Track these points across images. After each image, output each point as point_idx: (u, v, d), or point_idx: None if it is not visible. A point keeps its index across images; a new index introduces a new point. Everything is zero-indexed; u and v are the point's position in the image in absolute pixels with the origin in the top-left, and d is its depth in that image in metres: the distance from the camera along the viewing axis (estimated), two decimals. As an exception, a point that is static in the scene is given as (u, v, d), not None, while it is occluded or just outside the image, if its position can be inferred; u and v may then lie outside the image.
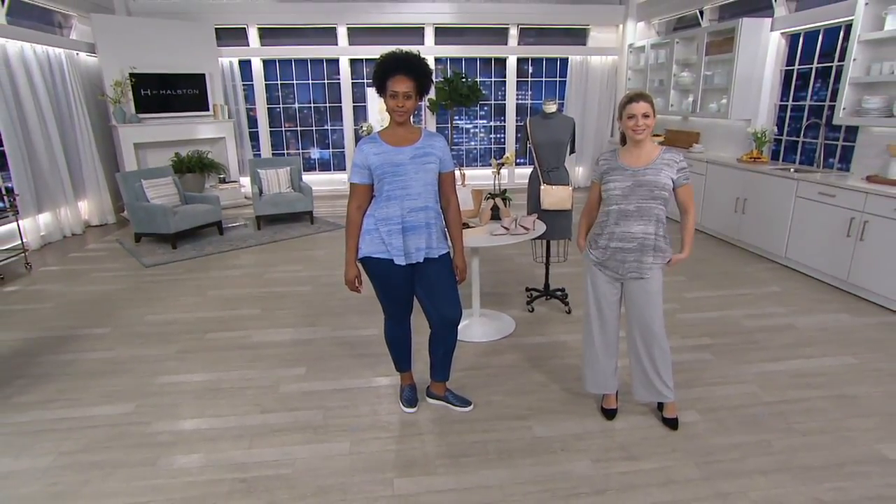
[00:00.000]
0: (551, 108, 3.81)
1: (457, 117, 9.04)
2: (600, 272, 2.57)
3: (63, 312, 4.24)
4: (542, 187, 3.83)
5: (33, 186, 5.96)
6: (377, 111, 8.45)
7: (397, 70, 2.35)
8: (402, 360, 2.84)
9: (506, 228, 3.41)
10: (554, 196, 3.80)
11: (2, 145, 5.68)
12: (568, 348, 3.50)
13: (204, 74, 7.67)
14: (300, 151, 9.02)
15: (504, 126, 9.28)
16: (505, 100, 9.12)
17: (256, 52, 8.32)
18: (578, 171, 9.28)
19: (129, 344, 3.67)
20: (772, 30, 5.67)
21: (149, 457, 2.51)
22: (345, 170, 9.02)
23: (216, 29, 7.86)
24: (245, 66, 8.41)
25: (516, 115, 9.18)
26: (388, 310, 2.69)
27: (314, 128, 8.96)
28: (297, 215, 6.87)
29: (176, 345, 3.63)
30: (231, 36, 8.24)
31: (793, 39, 5.66)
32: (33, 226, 5.94)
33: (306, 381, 3.13)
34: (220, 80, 8.05)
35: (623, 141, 2.54)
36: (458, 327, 2.69)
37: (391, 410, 2.83)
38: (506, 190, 3.83)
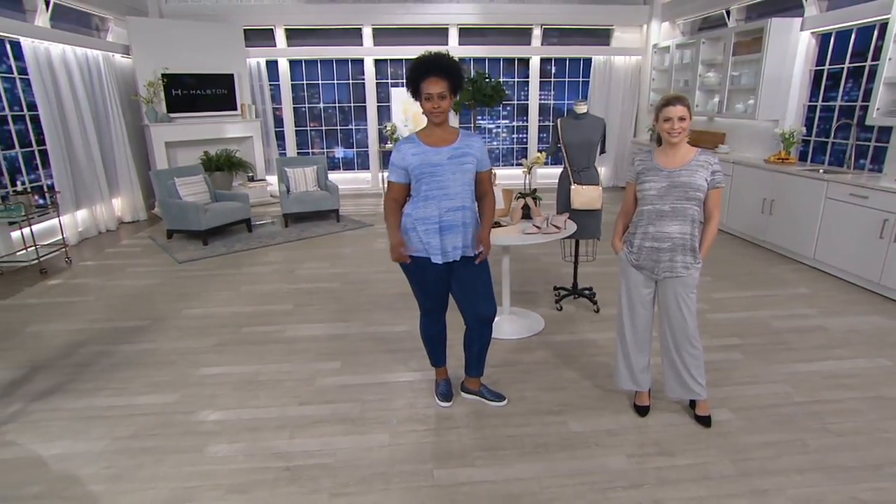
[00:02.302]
0: (582, 108, 3.85)
1: (479, 117, 9.09)
2: (635, 272, 2.60)
3: (104, 306, 4.38)
4: (572, 187, 3.87)
5: (72, 184, 6.15)
6: (401, 111, 8.53)
7: (429, 72, 2.41)
8: (437, 355, 2.91)
9: (537, 227, 3.46)
10: (584, 196, 3.84)
11: (44, 144, 5.87)
12: (597, 346, 3.54)
13: (232, 74, 7.83)
14: (324, 151, 9.15)
15: (526, 126, 9.30)
16: (528, 100, 9.15)
17: (283, 52, 8.46)
18: (601, 172, 9.26)
19: (168, 337, 3.79)
20: (802, 29, 5.63)
21: (195, 444, 2.61)
22: (368, 169, 9.13)
23: (244, 30, 8.01)
24: (272, 66, 8.56)
25: (539, 116, 9.21)
26: (425, 307, 2.76)
27: (338, 127, 9.08)
28: (323, 213, 6.99)
29: (213, 338, 3.75)
30: (259, 37, 8.39)
31: (823, 39, 5.61)
32: (71, 222, 6.13)
33: (342, 375, 3.22)
34: (248, 80, 8.20)
35: (659, 142, 2.58)
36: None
37: (427, 404, 2.90)
38: (535, 189, 3.88)
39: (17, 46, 5.58)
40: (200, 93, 7.67)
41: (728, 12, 6.89)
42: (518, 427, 2.69)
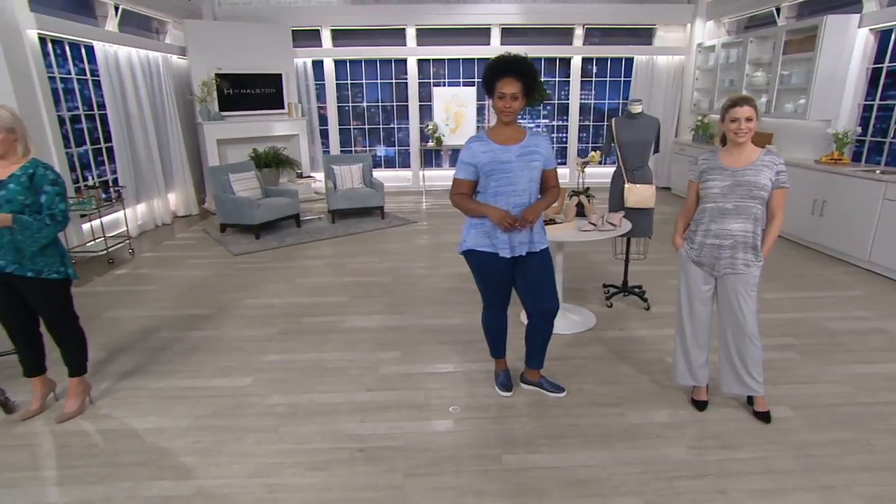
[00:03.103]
0: (637, 108, 3.89)
1: (520, 116, 9.14)
2: (694, 268, 2.66)
3: (169, 294, 4.62)
4: (625, 186, 3.92)
5: (133, 179, 6.46)
6: (442, 110, 8.65)
7: (505, 72, 2.51)
8: (497, 347, 3.01)
9: (593, 225, 3.53)
10: (638, 194, 3.89)
11: (109, 141, 6.19)
12: (649, 343, 3.59)
13: (281, 74, 8.08)
14: (367, 149, 9.34)
15: (567, 125, 9.32)
16: (568, 99, 9.16)
17: (329, 52, 8.68)
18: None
19: (233, 325, 3.98)
20: (859, 26, 5.52)
21: (271, 425, 2.77)
22: (409, 167, 9.28)
23: (292, 31, 8.24)
24: (317, 65, 8.78)
25: (579, 115, 9.21)
26: (489, 299, 2.87)
27: (381, 126, 9.27)
28: (368, 210, 7.17)
29: (276, 327, 3.92)
30: (305, 37, 8.61)
31: (883, 36, 5.49)
32: (132, 215, 6.44)
33: (403, 364, 3.35)
34: (295, 79, 8.44)
35: (723, 142, 2.63)
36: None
37: (487, 393, 3.00)
38: (588, 188, 3.94)
39: (84, 49, 5.89)
40: (251, 92, 7.94)
41: (778, 10, 6.79)
42: (578, 417, 2.77)
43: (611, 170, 4.18)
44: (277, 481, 2.36)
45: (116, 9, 6.18)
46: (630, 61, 8.98)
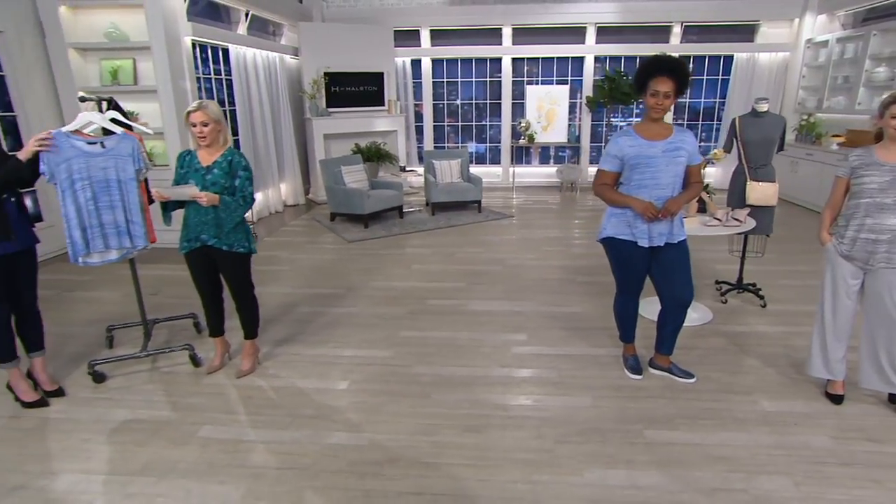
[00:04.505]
0: (763, 107, 3.91)
1: (613, 115, 9.14)
2: (843, 262, 2.70)
3: (299, 275, 5.08)
4: (748, 183, 3.95)
5: (254, 171, 7.06)
6: (535, 108, 8.80)
7: (660, 72, 2.66)
8: (628, 331, 3.17)
9: (718, 220, 3.60)
10: (760, 192, 3.91)
11: (235, 135, 6.81)
12: (770, 338, 3.62)
13: (382, 73, 8.50)
14: (459, 145, 9.64)
15: (660, 123, 9.21)
16: (662, 97, 9.04)
17: (427, 52, 9.03)
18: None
19: (365, 304, 4.34)
20: None
21: (421, 391, 3.07)
22: (499, 164, 9.50)
23: (393, 31, 8.65)
24: (415, 64, 9.16)
25: (673, 115, 9.08)
26: (623, 286, 3.04)
27: (473, 123, 9.54)
28: (465, 204, 7.45)
29: (405, 307, 4.25)
30: (405, 37, 9.00)
31: None
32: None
33: (531, 346, 3.57)
34: (395, 77, 8.85)
35: (878, 138, 2.66)
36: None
37: (618, 376, 3.17)
38: (709, 184, 4.00)
39: (221, 52, 6.51)
40: (355, 89, 8.41)
41: (905, 3, 6.45)
42: (711, 402, 2.89)
43: (711, 170, 4.21)
44: (438, 439, 2.64)
45: (247, 14, 6.78)
46: (729, 59, 8.76)
